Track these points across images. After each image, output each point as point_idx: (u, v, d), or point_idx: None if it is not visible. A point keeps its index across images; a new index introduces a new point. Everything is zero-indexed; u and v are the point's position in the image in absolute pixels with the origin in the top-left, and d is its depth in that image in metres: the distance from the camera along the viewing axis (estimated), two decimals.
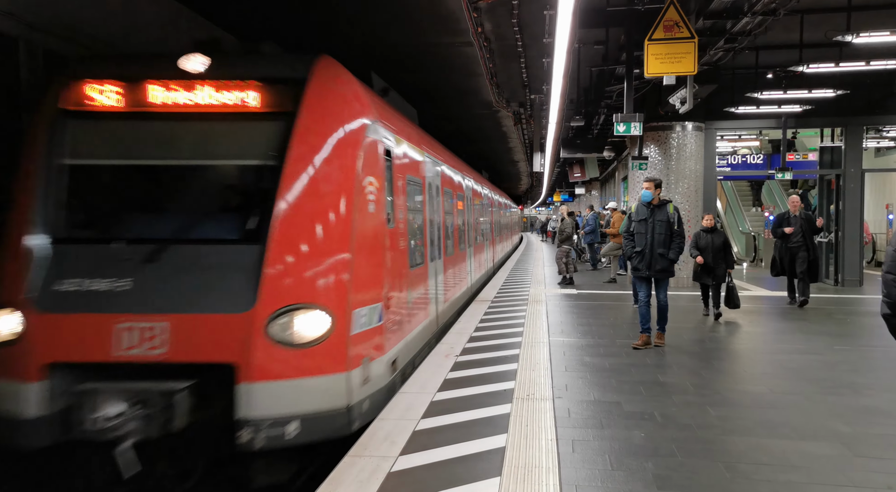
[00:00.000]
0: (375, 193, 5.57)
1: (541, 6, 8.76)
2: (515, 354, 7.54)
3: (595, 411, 5.47)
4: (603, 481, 4.03)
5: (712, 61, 10.92)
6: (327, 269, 4.92)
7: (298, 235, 4.87)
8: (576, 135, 18.76)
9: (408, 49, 10.88)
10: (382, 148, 5.91)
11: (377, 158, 5.71)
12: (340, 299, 4.90)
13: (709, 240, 9.87)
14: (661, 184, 8.17)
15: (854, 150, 14.74)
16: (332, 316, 4.78)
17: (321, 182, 5.01)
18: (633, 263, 8.08)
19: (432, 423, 5.14)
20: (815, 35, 10.60)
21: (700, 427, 5.03)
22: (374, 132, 5.69)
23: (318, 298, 4.80)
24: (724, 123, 14.98)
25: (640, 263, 7.95)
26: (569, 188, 36.49)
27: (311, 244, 4.90)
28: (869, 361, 7.39)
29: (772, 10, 8.71)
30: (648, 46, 8.94)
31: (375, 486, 3.97)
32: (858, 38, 8.86)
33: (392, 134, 6.42)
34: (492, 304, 11.94)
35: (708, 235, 9.92)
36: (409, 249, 6.92)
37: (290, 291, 4.72)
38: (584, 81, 15.00)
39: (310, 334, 4.70)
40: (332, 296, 4.88)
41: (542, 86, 13.51)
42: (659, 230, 7.82)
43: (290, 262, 4.80)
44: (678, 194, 14.34)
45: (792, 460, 4.36)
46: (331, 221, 4.99)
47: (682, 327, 9.20)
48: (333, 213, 5.01)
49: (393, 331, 5.97)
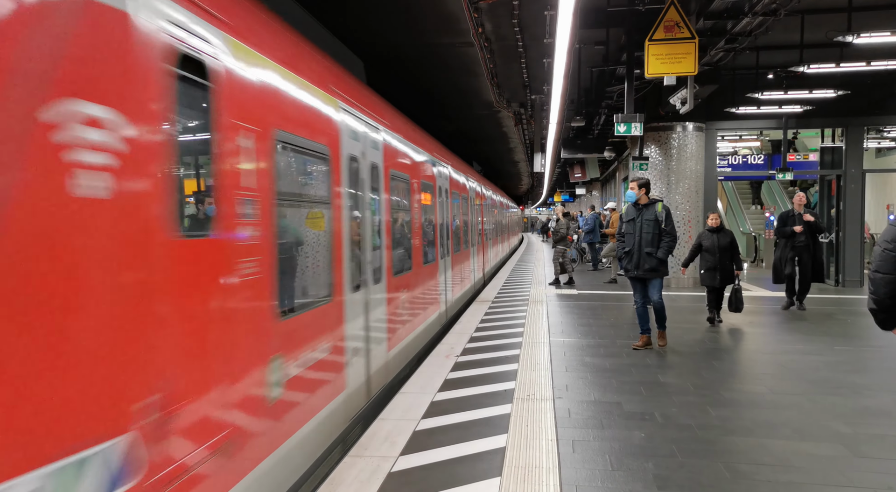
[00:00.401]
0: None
1: (541, 6, 8.77)
2: (516, 354, 7.54)
3: (595, 411, 5.47)
4: (603, 482, 4.03)
5: (713, 62, 10.92)
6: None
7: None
8: (576, 135, 18.77)
9: (407, 49, 10.88)
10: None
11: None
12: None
13: (714, 240, 9.38)
14: (647, 184, 7.98)
15: (855, 150, 14.73)
16: None
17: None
18: (622, 263, 8.10)
19: (433, 423, 5.14)
20: (815, 35, 10.60)
21: (700, 427, 5.03)
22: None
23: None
24: (724, 123, 14.98)
25: (629, 263, 7.91)
26: (569, 189, 36.48)
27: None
28: (869, 362, 7.38)
29: (772, 10, 8.72)
30: (649, 47, 8.94)
31: (375, 486, 3.97)
32: (859, 38, 8.86)
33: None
34: (492, 304, 11.95)
35: (713, 235, 9.42)
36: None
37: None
38: (585, 82, 15.00)
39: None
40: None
41: (543, 86, 13.52)
42: (646, 229, 7.74)
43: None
44: (679, 195, 14.34)
45: (792, 461, 4.35)
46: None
47: (682, 328, 9.19)
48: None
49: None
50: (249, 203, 3.40)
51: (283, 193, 3.92)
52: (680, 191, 14.37)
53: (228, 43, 3.29)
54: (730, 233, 9.63)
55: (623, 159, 21.98)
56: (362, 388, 5.45)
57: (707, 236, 9.57)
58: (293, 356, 3.94)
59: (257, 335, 3.49)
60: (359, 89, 6.06)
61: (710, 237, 9.49)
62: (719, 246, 9.37)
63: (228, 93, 3.25)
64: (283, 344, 3.81)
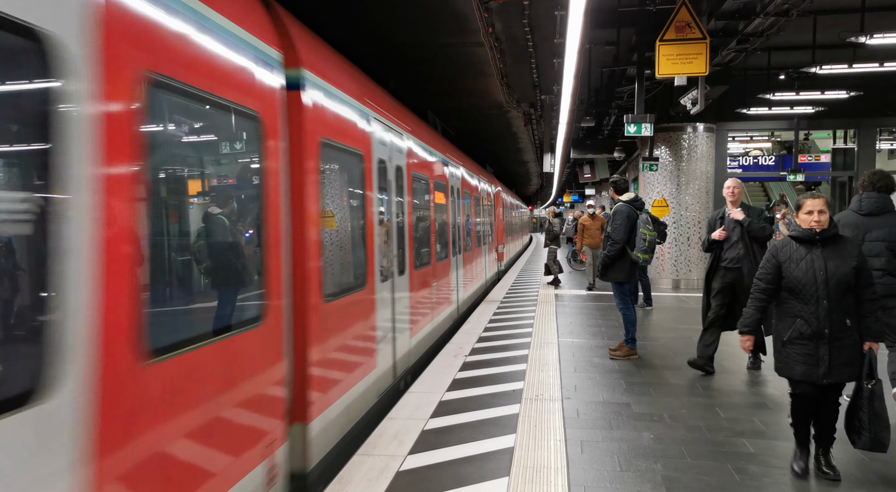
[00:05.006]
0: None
1: (552, 6, 8.74)
2: (524, 354, 7.54)
3: (604, 411, 5.46)
4: (612, 483, 4.03)
5: (724, 62, 10.87)
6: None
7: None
8: (586, 135, 18.74)
9: (417, 48, 10.89)
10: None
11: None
12: None
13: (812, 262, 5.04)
14: (619, 187, 7.60)
15: (867, 151, 14.64)
16: None
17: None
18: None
19: (441, 422, 5.15)
20: (828, 36, 10.54)
21: (710, 429, 5.01)
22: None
23: None
24: (735, 124, 14.92)
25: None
26: (579, 189, 36.41)
27: None
28: (882, 364, 7.32)
29: (784, 10, 8.67)
30: (660, 47, 8.91)
31: (384, 485, 3.98)
32: (872, 39, 8.82)
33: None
34: (501, 304, 11.95)
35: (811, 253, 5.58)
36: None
37: None
38: (595, 82, 14.96)
39: None
40: None
41: (553, 86, 13.49)
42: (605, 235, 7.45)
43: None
44: (689, 196, 14.28)
45: None
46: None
47: (691, 329, 9.15)
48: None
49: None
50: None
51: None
52: (690, 192, 14.31)
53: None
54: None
55: (633, 160, 21.92)
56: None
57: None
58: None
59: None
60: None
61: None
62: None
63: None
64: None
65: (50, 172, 2.11)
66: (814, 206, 4.07)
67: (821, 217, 4.03)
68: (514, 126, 18.98)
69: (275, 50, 3.84)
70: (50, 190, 2.12)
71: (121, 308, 2.41)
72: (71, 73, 2.17)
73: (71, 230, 2.17)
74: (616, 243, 7.22)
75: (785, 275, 4.09)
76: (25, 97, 2.16)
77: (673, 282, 14.25)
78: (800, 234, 4.11)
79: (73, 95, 2.17)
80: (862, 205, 5.31)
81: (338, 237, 4.97)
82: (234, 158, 3.70)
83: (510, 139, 21.91)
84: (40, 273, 2.10)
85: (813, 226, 4.05)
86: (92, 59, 2.26)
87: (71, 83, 2.16)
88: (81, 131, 2.21)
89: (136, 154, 2.50)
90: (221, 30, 3.22)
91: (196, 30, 2.98)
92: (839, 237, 4.13)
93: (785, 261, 4.11)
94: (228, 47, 3.28)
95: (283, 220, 3.85)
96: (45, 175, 2.11)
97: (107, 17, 2.34)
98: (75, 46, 2.18)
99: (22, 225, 2.16)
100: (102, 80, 2.31)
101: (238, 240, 3.56)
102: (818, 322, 3.95)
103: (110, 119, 2.36)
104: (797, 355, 4.03)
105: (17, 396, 1.97)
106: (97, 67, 2.30)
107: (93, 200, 2.27)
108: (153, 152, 2.68)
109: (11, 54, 2.05)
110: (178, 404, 2.78)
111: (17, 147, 2.21)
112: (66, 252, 2.15)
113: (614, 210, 7.45)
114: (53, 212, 2.12)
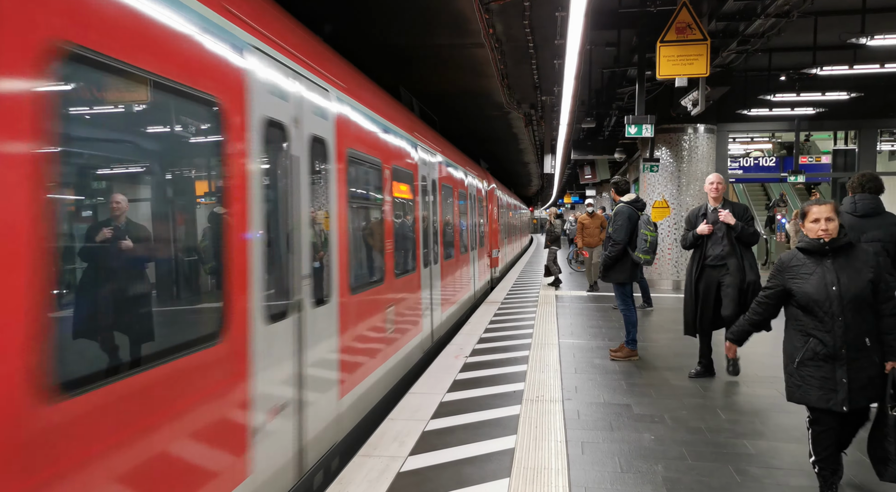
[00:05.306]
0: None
1: (552, 7, 8.74)
2: (525, 355, 7.54)
3: (605, 413, 5.46)
4: (612, 484, 4.03)
5: (725, 63, 10.88)
6: None
7: None
8: (587, 137, 18.73)
9: (417, 50, 10.89)
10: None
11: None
12: None
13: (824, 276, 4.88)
14: (621, 188, 7.56)
15: (868, 153, 14.64)
16: None
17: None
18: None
19: (442, 423, 5.15)
20: (829, 37, 10.54)
21: (711, 430, 5.01)
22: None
23: None
24: (736, 125, 14.92)
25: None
26: (579, 190, 36.42)
27: None
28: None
29: (785, 12, 8.68)
30: (660, 48, 8.92)
31: (385, 485, 3.98)
32: (873, 40, 8.82)
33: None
34: (501, 305, 11.94)
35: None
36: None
37: None
38: (596, 83, 14.97)
39: None
40: None
41: (554, 87, 13.49)
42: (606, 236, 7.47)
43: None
44: (689, 197, 14.28)
45: (803, 465, 4.32)
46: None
47: None
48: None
49: None
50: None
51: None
52: (691, 193, 14.31)
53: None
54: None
55: (634, 161, 21.93)
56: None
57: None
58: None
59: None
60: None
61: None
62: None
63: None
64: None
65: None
66: (820, 213, 3.68)
67: (829, 225, 3.65)
68: (515, 127, 18.98)
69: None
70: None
71: (10, 330, 1.85)
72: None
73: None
74: (617, 244, 7.23)
75: (795, 291, 3.71)
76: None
77: (673, 283, 14.24)
78: (807, 245, 3.72)
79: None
80: (857, 206, 5.32)
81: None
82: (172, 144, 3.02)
83: (511, 140, 21.92)
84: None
85: (821, 235, 3.67)
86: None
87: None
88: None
89: (41, 140, 2.02)
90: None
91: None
92: (851, 246, 3.71)
93: (794, 276, 3.74)
94: (170, 11, 2.67)
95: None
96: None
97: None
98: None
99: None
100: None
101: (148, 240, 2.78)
102: (834, 342, 3.56)
103: (3, 99, 1.88)
104: (812, 379, 3.63)
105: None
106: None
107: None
108: (66, 138, 2.19)
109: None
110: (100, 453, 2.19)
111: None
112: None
113: (615, 211, 7.47)
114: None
